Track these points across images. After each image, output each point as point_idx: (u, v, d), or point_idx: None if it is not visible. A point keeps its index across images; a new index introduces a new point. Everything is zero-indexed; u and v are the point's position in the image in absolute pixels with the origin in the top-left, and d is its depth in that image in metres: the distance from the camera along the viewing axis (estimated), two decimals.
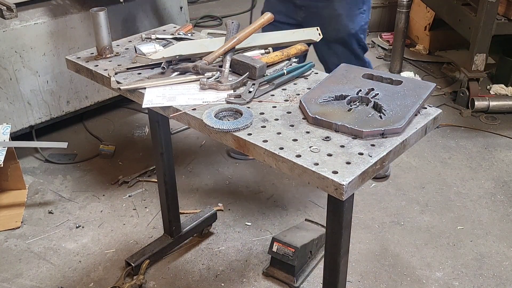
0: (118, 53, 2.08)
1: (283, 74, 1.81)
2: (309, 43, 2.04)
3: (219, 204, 3.02)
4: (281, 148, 1.44)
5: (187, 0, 3.98)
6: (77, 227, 2.86)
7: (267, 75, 1.80)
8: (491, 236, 2.76)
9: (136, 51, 2.02)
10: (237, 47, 1.95)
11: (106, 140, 3.62)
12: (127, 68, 1.93)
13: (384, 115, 1.55)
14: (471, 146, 3.50)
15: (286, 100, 1.71)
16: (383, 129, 1.48)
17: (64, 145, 3.03)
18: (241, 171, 3.32)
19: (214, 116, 1.58)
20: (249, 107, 1.66)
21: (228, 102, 1.68)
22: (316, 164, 1.37)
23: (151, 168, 3.27)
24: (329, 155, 1.41)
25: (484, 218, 2.87)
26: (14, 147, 2.96)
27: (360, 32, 2.74)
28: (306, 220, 2.81)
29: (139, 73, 1.91)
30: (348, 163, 1.38)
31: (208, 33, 2.27)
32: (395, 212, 2.93)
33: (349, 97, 1.64)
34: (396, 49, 4.48)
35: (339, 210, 1.52)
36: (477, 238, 2.74)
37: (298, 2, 2.67)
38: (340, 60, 2.35)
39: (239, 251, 2.69)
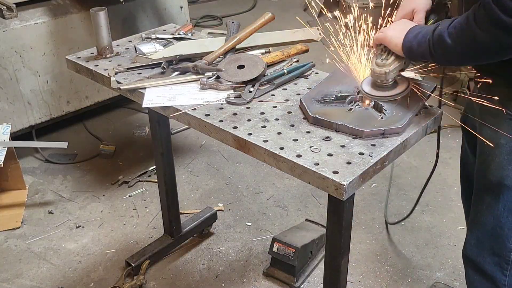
0: (118, 53, 2.08)
1: (283, 74, 1.80)
2: None
3: (219, 204, 3.02)
4: (282, 148, 1.44)
5: (187, 0, 3.98)
6: (77, 227, 2.86)
7: (267, 75, 1.80)
8: None
9: (136, 51, 2.02)
10: (237, 47, 1.95)
11: (106, 140, 3.61)
12: (127, 68, 1.93)
13: (385, 115, 1.54)
14: None
15: (286, 100, 1.71)
16: (383, 129, 1.48)
17: (64, 145, 3.02)
18: (241, 171, 3.31)
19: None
20: (249, 107, 1.66)
21: (228, 102, 1.68)
22: (317, 164, 1.37)
23: (151, 168, 3.27)
24: (330, 155, 1.41)
25: None
26: (14, 147, 2.96)
27: None
28: (306, 220, 2.81)
29: (139, 73, 1.91)
30: (348, 163, 1.38)
31: (208, 33, 2.27)
32: (396, 212, 2.93)
33: (349, 97, 1.64)
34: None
35: (339, 210, 1.52)
36: None
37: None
38: (481, 217, 1.74)
39: (239, 251, 2.68)
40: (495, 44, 1.34)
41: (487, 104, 1.55)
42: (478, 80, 1.61)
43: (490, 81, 1.56)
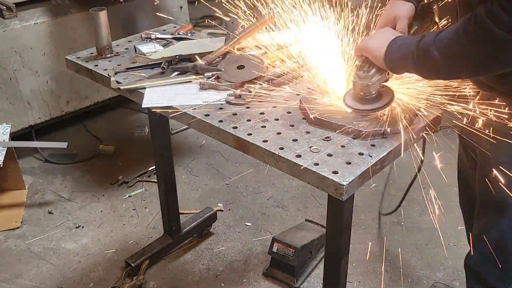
0: (118, 53, 2.07)
1: (283, 74, 1.80)
2: None
3: (219, 204, 3.02)
4: (281, 148, 1.44)
5: (187, 0, 3.97)
6: (76, 227, 2.86)
7: (267, 75, 1.80)
8: None
9: (136, 51, 2.01)
10: (237, 47, 1.94)
11: (106, 140, 3.61)
12: (127, 68, 1.93)
13: (385, 115, 1.54)
14: None
15: (286, 100, 1.70)
16: (383, 129, 1.48)
17: (64, 145, 3.02)
18: (241, 171, 3.31)
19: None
20: (249, 107, 1.66)
21: (228, 102, 1.68)
22: (316, 164, 1.37)
23: (151, 168, 3.27)
24: (329, 155, 1.41)
25: None
26: (14, 147, 2.95)
27: None
28: (306, 220, 2.80)
29: (139, 73, 1.91)
30: (348, 163, 1.38)
31: (208, 33, 2.27)
32: (396, 213, 2.93)
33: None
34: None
35: (339, 210, 1.51)
36: None
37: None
38: (485, 233, 1.72)
39: (239, 252, 2.68)
40: (487, 60, 1.26)
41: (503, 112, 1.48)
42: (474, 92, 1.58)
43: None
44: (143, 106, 1.72)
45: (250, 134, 1.51)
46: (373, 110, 1.53)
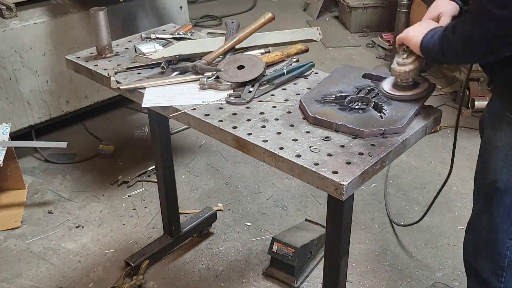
0: (117, 52, 2.08)
1: (283, 74, 1.80)
2: None
3: (219, 204, 3.02)
4: (281, 148, 1.44)
5: (187, 0, 3.98)
6: (76, 227, 2.86)
7: (267, 75, 1.80)
8: None
9: (136, 51, 2.01)
10: (237, 47, 1.95)
11: (105, 140, 3.61)
12: (127, 68, 1.93)
13: (385, 115, 1.54)
14: (471, 146, 3.49)
15: (286, 100, 1.71)
16: (383, 129, 1.48)
17: (63, 145, 3.02)
18: (241, 171, 3.31)
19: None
20: (248, 107, 1.66)
21: (228, 102, 1.68)
22: (316, 164, 1.37)
23: (151, 168, 3.27)
24: (329, 155, 1.41)
25: None
26: (14, 147, 2.95)
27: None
28: (306, 220, 2.81)
29: (139, 73, 1.91)
30: (348, 163, 1.38)
31: (208, 33, 2.27)
32: (395, 212, 2.93)
33: (349, 97, 1.64)
34: (396, 49, 4.46)
35: (339, 210, 1.52)
36: None
37: None
38: (477, 220, 1.75)
39: (239, 251, 2.68)
40: (486, 37, 1.34)
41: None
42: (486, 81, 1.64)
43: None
44: (142, 106, 1.73)
45: (250, 134, 1.51)
46: (408, 97, 1.60)
